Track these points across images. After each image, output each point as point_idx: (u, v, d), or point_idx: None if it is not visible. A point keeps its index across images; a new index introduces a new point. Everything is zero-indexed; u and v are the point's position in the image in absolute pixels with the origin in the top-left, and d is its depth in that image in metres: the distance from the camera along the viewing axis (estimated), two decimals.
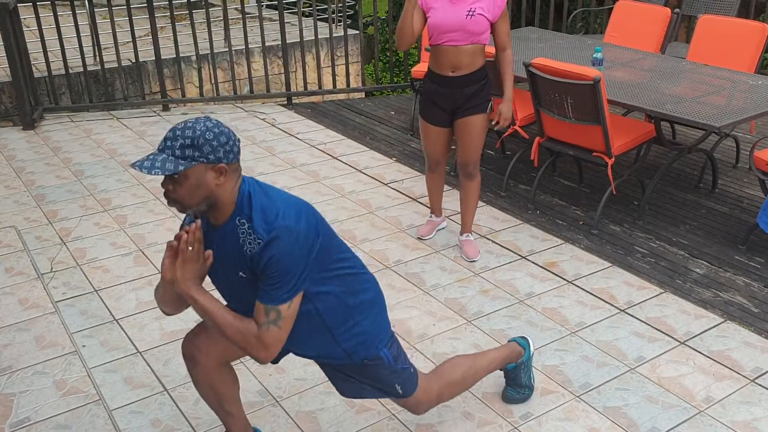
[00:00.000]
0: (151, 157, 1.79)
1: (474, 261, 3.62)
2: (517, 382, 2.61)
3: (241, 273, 1.91)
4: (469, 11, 3.27)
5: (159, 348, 2.98)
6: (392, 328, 2.21)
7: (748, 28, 4.64)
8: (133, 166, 1.78)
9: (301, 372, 2.83)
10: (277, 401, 2.68)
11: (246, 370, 2.84)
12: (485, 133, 3.54)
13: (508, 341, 2.62)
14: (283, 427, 2.56)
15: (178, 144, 1.78)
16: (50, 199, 4.39)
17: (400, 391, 2.21)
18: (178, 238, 1.84)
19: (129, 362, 2.90)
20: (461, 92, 3.40)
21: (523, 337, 2.63)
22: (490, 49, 3.50)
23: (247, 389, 2.73)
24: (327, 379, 2.76)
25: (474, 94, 3.41)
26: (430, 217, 3.95)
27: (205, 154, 1.79)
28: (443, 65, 3.38)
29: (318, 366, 2.84)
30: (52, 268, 3.60)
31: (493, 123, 3.51)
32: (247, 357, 2.89)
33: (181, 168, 1.77)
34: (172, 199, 1.84)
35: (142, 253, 3.74)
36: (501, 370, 2.59)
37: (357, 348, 2.08)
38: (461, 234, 3.74)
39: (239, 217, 1.86)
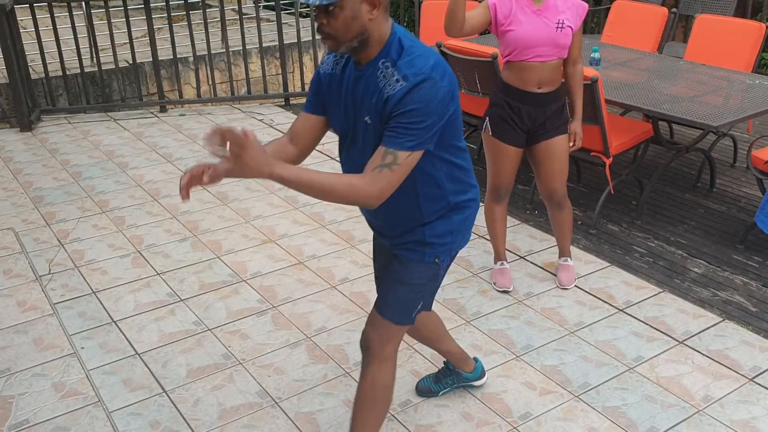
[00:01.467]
0: None
1: (567, 288, 3.35)
2: (439, 379, 2.68)
3: (367, 118, 1.87)
4: (559, 23, 2.95)
5: (157, 349, 2.98)
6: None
7: (745, 27, 4.65)
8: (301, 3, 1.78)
9: (300, 373, 2.83)
10: (276, 402, 2.68)
11: (245, 371, 2.83)
12: (568, 157, 3.21)
13: (473, 358, 2.70)
14: (282, 428, 2.56)
15: None
16: (48, 200, 4.38)
17: (419, 306, 2.13)
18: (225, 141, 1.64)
19: (128, 364, 2.90)
20: (544, 110, 3.08)
21: (482, 369, 2.71)
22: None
23: (246, 390, 2.73)
24: (326, 380, 2.76)
25: (556, 114, 3.10)
26: (501, 264, 3.42)
27: None
28: (528, 81, 3.03)
29: (317, 367, 2.83)
30: (50, 270, 3.59)
31: (571, 145, 3.16)
32: (247, 358, 2.90)
33: None
34: (326, 34, 1.81)
35: (140, 254, 3.74)
36: (444, 362, 2.66)
37: (435, 238, 2.04)
38: (559, 257, 3.45)
39: (384, 59, 1.83)
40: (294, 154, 2.06)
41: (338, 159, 2.13)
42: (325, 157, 4.95)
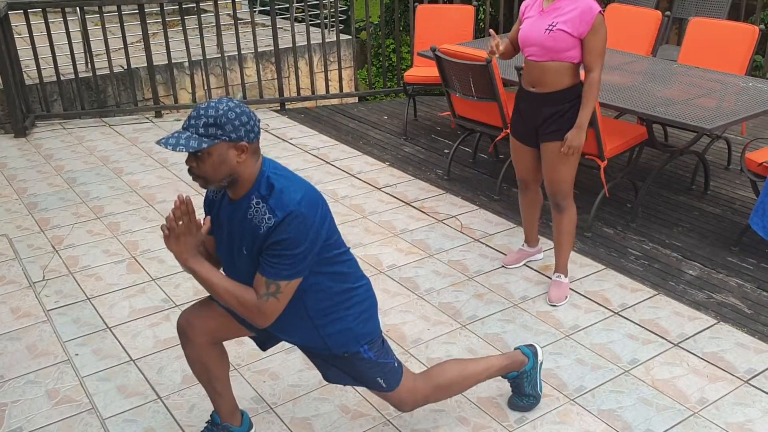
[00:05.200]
0: (176, 134, 1.86)
1: (555, 306, 3.25)
2: (520, 391, 2.60)
3: (244, 249, 1.99)
4: (549, 26, 2.94)
5: (152, 356, 2.97)
6: (385, 334, 2.23)
7: (738, 30, 4.66)
8: (158, 143, 1.86)
9: (296, 378, 2.82)
10: (271, 408, 2.67)
11: (240, 377, 2.83)
12: (572, 164, 3.12)
13: (514, 349, 2.60)
14: None
15: (202, 122, 1.86)
16: (42, 206, 4.37)
17: (384, 385, 2.26)
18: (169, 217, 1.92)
19: (122, 370, 2.89)
20: (539, 111, 3.08)
21: (530, 346, 2.60)
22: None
23: (242, 396, 2.72)
24: (321, 385, 2.76)
25: (554, 117, 3.06)
26: (522, 246, 3.61)
27: (227, 133, 1.86)
28: (525, 80, 3.13)
29: (312, 373, 2.83)
30: (44, 277, 3.58)
31: (562, 149, 3.08)
32: (243, 363, 2.89)
33: (204, 145, 1.85)
34: (196, 175, 1.93)
35: (135, 260, 3.73)
36: (504, 378, 2.58)
37: (337, 341, 2.14)
38: (554, 272, 3.36)
39: (255, 194, 1.94)
40: None
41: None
42: (320, 162, 4.95)
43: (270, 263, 1.92)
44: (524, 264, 3.63)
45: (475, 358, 2.66)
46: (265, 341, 2.35)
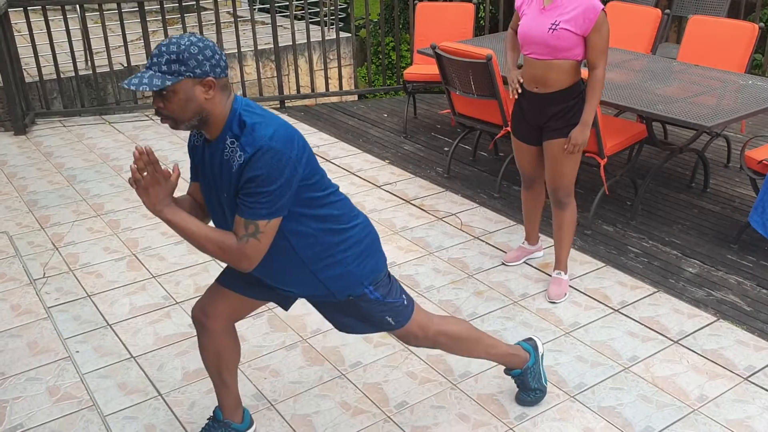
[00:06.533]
0: (139, 74, 1.81)
1: (555, 303, 3.26)
2: (526, 387, 2.60)
3: (224, 193, 1.93)
4: (553, 24, 2.91)
5: (153, 353, 2.97)
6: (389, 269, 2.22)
7: (737, 28, 4.66)
8: (123, 84, 1.81)
9: (296, 375, 2.82)
10: (272, 405, 2.68)
11: (241, 374, 2.83)
12: (574, 160, 3.13)
13: (515, 344, 2.60)
14: (278, 430, 2.55)
15: (164, 60, 1.80)
16: (42, 204, 4.37)
17: (393, 323, 2.23)
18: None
19: (123, 367, 2.89)
20: (543, 110, 3.08)
21: (529, 340, 2.61)
22: None
23: (243, 393, 2.72)
24: (322, 382, 2.76)
25: (558, 115, 3.06)
26: (523, 243, 3.61)
27: (191, 69, 1.80)
28: (527, 79, 3.09)
29: (313, 369, 2.84)
30: (44, 274, 3.58)
31: (564, 148, 3.08)
32: (243, 360, 2.89)
33: (168, 83, 1.79)
34: (164, 116, 1.87)
35: (136, 257, 3.73)
36: (507, 374, 2.59)
37: (338, 285, 2.10)
38: (554, 269, 3.37)
39: (228, 134, 1.88)
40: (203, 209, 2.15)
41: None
42: (320, 160, 4.95)
43: (246, 203, 1.86)
44: (524, 262, 3.64)
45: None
46: (281, 301, 2.30)
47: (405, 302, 2.25)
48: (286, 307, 2.34)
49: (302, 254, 2.03)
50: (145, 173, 1.87)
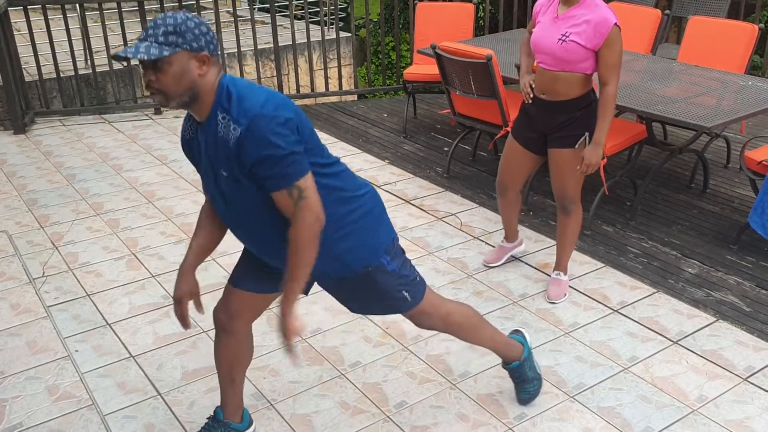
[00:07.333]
0: (135, 44, 1.77)
1: (554, 303, 3.26)
2: (523, 378, 2.61)
3: (223, 171, 1.89)
4: (563, 36, 2.87)
5: (152, 352, 2.97)
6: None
7: (737, 29, 4.67)
8: (115, 55, 1.76)
9: (296, 375, 2.82)
10: (271, 404, 2.67)
11: None
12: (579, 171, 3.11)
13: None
14: (277, 430, 2.55)
15: (161, 31, 1.77)
16: (42, 203, 4.37)
17: (409, 298, 2.20)
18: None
19: (122, 367, 2.89)
20: (548, 118, 3.05)
21: (516, 332, 2.64)
22: None
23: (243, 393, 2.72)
24: (321, 382, 2.76)
25: (563, 125, 3.02)
26: (502, 242, 3.61)
27: (188, 41, 1.78)
28: (537, 86, 3.08)
29: (312, 369, 2.83)
30: (44, 273, 3.58)
31: (579, 168, 3.06)
32: None
33: (165, 53, 1.75)
34: (155, 90, 1.81)
35: (135, 257, 3.73)
36: (505, 368, 2.59)
37: (354, 256, 2.07)
38: (554, 270, 3.37)
39: (219, 109, 1.84)
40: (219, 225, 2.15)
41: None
42: None
43: (274, 177, 1.81)
44: (523, 262, 3.64)
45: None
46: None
47: (418, 278, 2.25)
48: (306, 292, 2.26)
49: None
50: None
